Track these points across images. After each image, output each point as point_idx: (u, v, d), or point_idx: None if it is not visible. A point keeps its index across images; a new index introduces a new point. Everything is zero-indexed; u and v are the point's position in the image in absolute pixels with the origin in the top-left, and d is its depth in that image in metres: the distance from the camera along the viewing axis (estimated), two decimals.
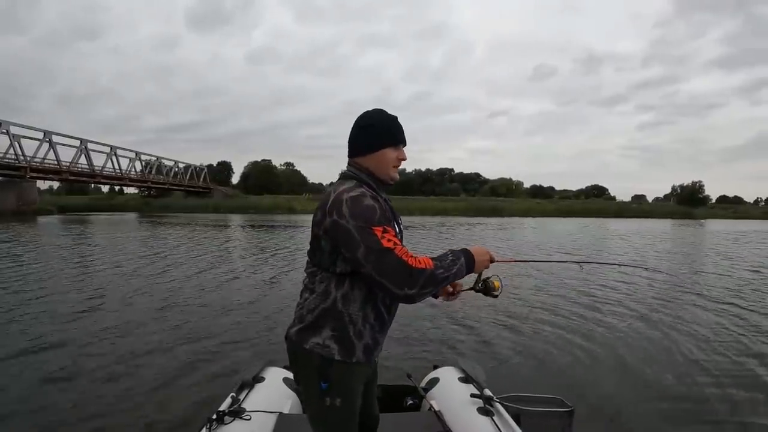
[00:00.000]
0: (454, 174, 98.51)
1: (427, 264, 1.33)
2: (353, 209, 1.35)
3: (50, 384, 3.81)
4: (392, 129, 1.53)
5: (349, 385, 1.49)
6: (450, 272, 1.38)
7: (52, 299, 7.00)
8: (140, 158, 63.08)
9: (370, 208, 1.36)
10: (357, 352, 1.46)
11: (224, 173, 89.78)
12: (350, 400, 1.50)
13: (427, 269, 1.32)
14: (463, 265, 1.42)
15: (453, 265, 1.39)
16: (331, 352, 1.44)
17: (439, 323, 5.75)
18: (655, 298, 7.91)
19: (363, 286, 1.44)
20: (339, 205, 1.37)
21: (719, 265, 12.50)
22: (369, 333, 1.48)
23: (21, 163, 45.61)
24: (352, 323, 1.45)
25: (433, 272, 1.33)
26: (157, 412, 3.33)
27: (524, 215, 54.89)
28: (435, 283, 1.34)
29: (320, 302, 1.46)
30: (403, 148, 1.56)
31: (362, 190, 1.41)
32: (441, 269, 1.36)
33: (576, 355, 4.82)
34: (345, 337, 1.45)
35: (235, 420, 2.13)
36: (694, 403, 3.69)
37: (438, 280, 1.35)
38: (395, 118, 1.54)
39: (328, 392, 1.46)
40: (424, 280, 1.32)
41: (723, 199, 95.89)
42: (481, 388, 2.50)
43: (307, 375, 1.50)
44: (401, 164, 1.55)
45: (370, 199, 1.39)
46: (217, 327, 5.59)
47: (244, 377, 2.58)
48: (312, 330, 1.47)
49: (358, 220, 1.34)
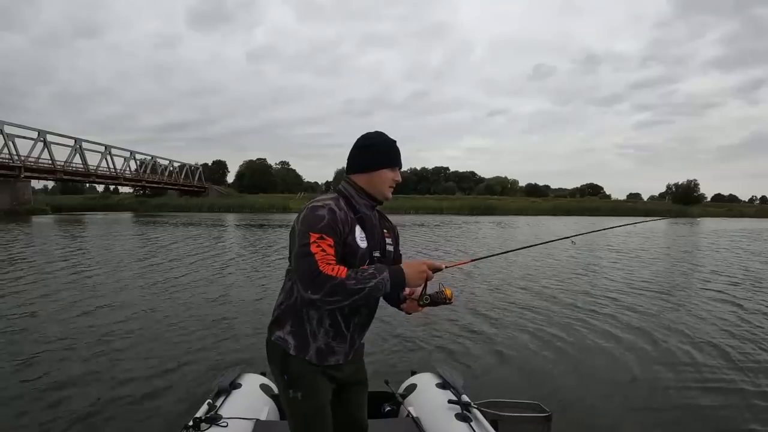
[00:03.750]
0: (449, 173, 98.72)
1: (339, 274, 1.38)
2: (306, 216, 1.48)
3: (24, 388, 3.76)
4: (390, 151, 1.62)
5: (308, 382, 1.56)
6: (366, 285, 1.40)
7: (34, 301, 6.93)
8: (135, 157, 62.98)
9: (318, 217, 1.46)
10: (310, 352, 1.56)
11: (219, 172, 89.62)
12: (311, 397, 1.57)
13: (337, 278, 1.38)
14: (385, 280, 1.42)
15: (371, 279, 1.41)
16: (288, 346, 1.56)
17: (416, 329, 5.68)
18: (632, 296, 7.93)
19: None
20: (301, 212, 1.51)
21: (701, 263, 12.57)
22: (323, 338, 1.56)
23: (15, 162, 45.45)
24: (309, 323, 1.56)
25: (343, 282, 1.38)
26: (132, 420, 3.27)
27: (519, 214, 55.09)
28: (344, 293, 1.38)
29: (286, 299, 1.59)
30: (398, 171, 1.65)
31: (326, 202, 1.51)
32: (353, 280, 1.39)
33: (553, 358, 4.79)
34: (301, 334, 1.56)
35: (212, 427, 2.10)
36: (672, 406, 3.69)
37: (348, 290, 1.38)
38: (394, 142, 1.64)
39: (290, 384, 1.57)
40: (331, 288, 1.37)
41: (718, 198, 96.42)
42: (458, 394, 2.49)
43: (274, 367, 1.62)
44: (395, 185, 1.65)
45: (323, 210, 1.48)
46: (195, 331, 5.47)
47: (220, 384, 2.54)
48: (277, 324, 1.60)
49: (303, 225, 1.46)
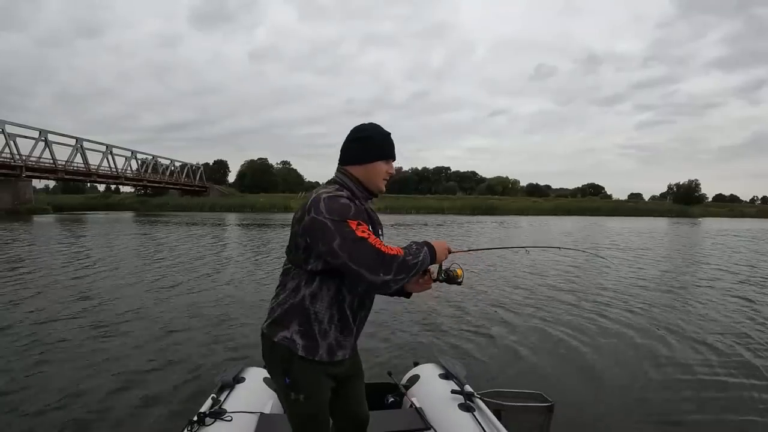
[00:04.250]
0: (450, 173, 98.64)
1: (398, 251, 1.43)
2: (330, 206, 1.44)
3: (28, 383, 3.77)
4: (386, 144, 1.62)
5: (311, 383, 1.55)
6: (418, 259, 1.46)
7: (35, 300, 6.91)
8: (136, 157, 62.94)
9: (345, 205, 1.45)
10: (320, 351, 1.53)
11: (221, 172, 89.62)
12: (314, 397, 1.56)
13: (399, 255, 1.41)
14: (427, 254, 1.49)
15: (419, 253, 1.47)
16: (296, 347, 1.52)
17: (418, 321, 5.73)
18: (634, 290, 7.94)
19: (332, 286, 1.52)
20: (317, 203, 1.45)
21: (702, 260, 12.55)
22: (333, 333, 1.55)
23: (16, 162, 45.46)
24: (318, 321, 1.53)
25: (404, 258, 1.42)
26: (137, 414, 3.28)
27: (520, 214, 55.00)
28: (407, 270, 1.42)
29: (290, 298, 1.55)
30: (392, 163, 1.65)
31: (340, 192, 1.51)
32: (410, 256, 1.44)
33: (556, 351, 4.82)
34: (310, 334, 1.53)
35: (216, 421, 2.11)
36: (673, 394, 3.72)
37: (409, 266, 1.43)
38: (389, 134, 1.64)
39: (292, 387, 1.54)
40: (397, 266, 1.40)
41: (719, 198, 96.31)
42: (461, 384, 2.52)
43: (274, 369, 1.59)
44: (389, 177, 1.65)
45: (345, 199, 1.48)
46: (199, 327, 5.48)
47: (224, 378, 2.55)
48: (281, 324, 1.55)
49: (333, 214, 1.42)
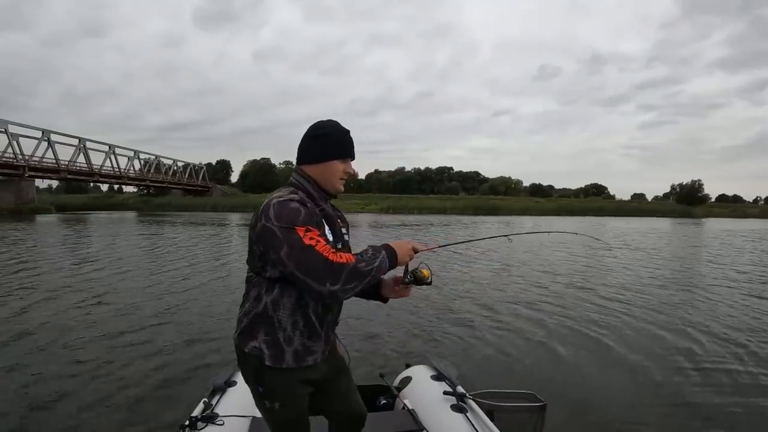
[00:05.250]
0: (453, 173, 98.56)
1: (348, 259, 1.36)
2: (278, 212, 1.38)
3: (19, 386, 3.75)
4: (343, 142, 1.55)
5: (284, 391, 1.51)
6: (372, 265, 1.39)
7: (35, 300, 6.93)
8: (139, 157, 63.10)
9: (293, 210, 1.39)
10: (287, 358, 1.48)
11: (223, 172, 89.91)
12: (289, 405, 1.52)
13: (349, 263, 1.35)
14: (385, 258, 1.43)
15: (374, 259, 1.41)
16: (264, 356, 1.47)
17: (408, 322, 5.71)
18: (623, 283, 7.95)
19: (293, 293, 1.46)
20: (267, 209, 1.40)
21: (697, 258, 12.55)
22: (299, 339, 1.49)
23: (19, 161, 45.61)
24: (282, 329, 1.47)
25: (355, 266, 1.35)
26: (128, 420, 3.25)
27: (523, 214, 54.87)
28: (359, 277, 1.36)
29: (254, 307, 1.49)
30: (350, 162, 1.58)
31: (291, 196, 1.44)
32: (363, 262, 1.38)
33: (546, 347, 4.82)
34: (275, 342, 1.47)
35: (208, 425, 2.09)
36: (665, 398, 3.71)
37: (361, 273, 1.36)
38: (348, 131, 1.57)
39: (266, 396, 1.51)
40: (347, 275, 1.33)
41: (722, 198, 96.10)
42: (453, 385, 2.51)
43: (248, 378, 1.55)
44: (347, 177, 1.57)
45: (295, 203, 1.41)
46: (191, 330, 5.39)
47: (216, 382, 2.52)
48: (249, 334, 1.50)
49: (282, 221, 1.37)
